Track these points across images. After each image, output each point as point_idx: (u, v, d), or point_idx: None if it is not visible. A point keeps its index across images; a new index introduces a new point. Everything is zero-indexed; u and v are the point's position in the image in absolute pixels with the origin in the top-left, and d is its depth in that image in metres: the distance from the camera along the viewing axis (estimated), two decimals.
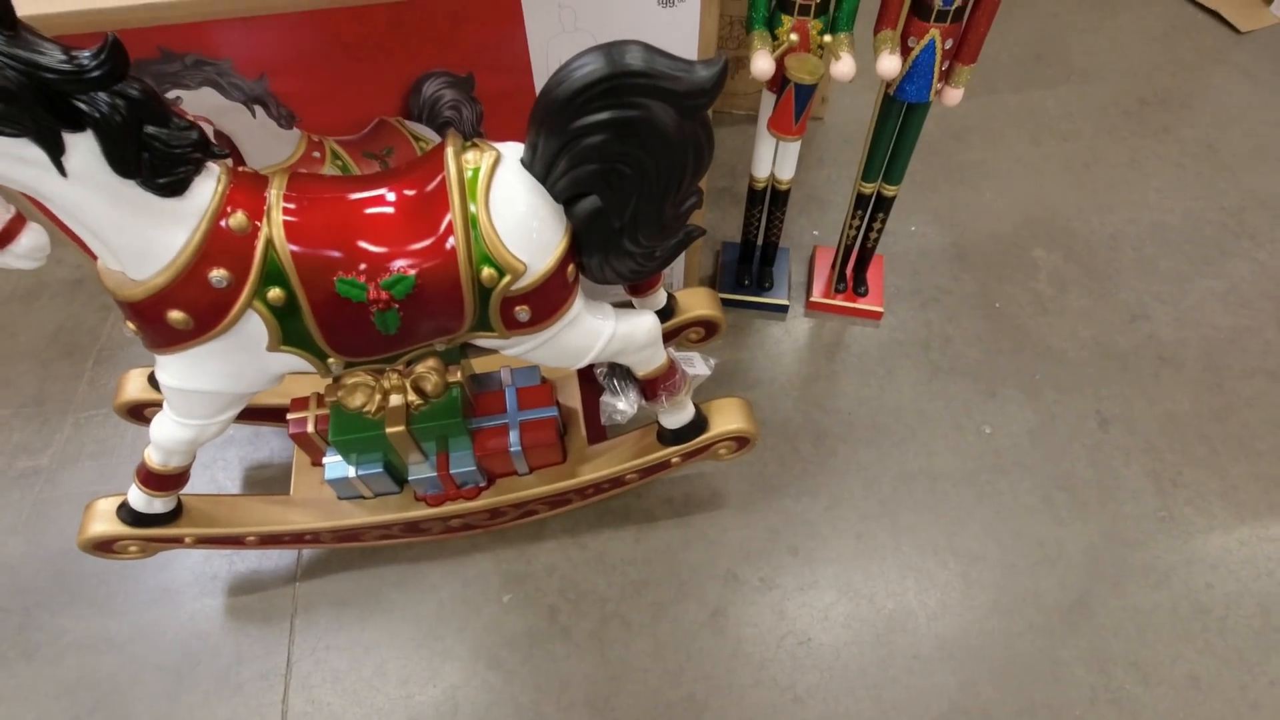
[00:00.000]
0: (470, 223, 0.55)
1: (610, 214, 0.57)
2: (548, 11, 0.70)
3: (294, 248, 0.54)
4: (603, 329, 0.66)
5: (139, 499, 0.73)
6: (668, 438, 0.82)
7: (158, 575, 0.90)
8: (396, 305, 0.57)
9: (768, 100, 0.84)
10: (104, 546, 0.76)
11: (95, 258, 0.57)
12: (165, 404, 0.65)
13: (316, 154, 0.78)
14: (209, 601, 0.89)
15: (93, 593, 0.89)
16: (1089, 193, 1.26)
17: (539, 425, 0.83)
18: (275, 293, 0.55)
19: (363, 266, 0.55)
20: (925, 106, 0.85)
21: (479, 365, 0.89)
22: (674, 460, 0.85)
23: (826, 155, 1.30)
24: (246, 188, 0.53)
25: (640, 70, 0.50)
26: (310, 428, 0.80)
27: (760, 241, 1.09)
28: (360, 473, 0.81)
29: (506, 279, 0.56)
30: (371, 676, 0.84)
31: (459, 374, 0.77)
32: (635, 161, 0.54)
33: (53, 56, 0.42)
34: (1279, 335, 1.09)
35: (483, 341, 0.64)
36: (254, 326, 0.57)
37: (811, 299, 1.12)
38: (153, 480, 0.70)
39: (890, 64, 0.76)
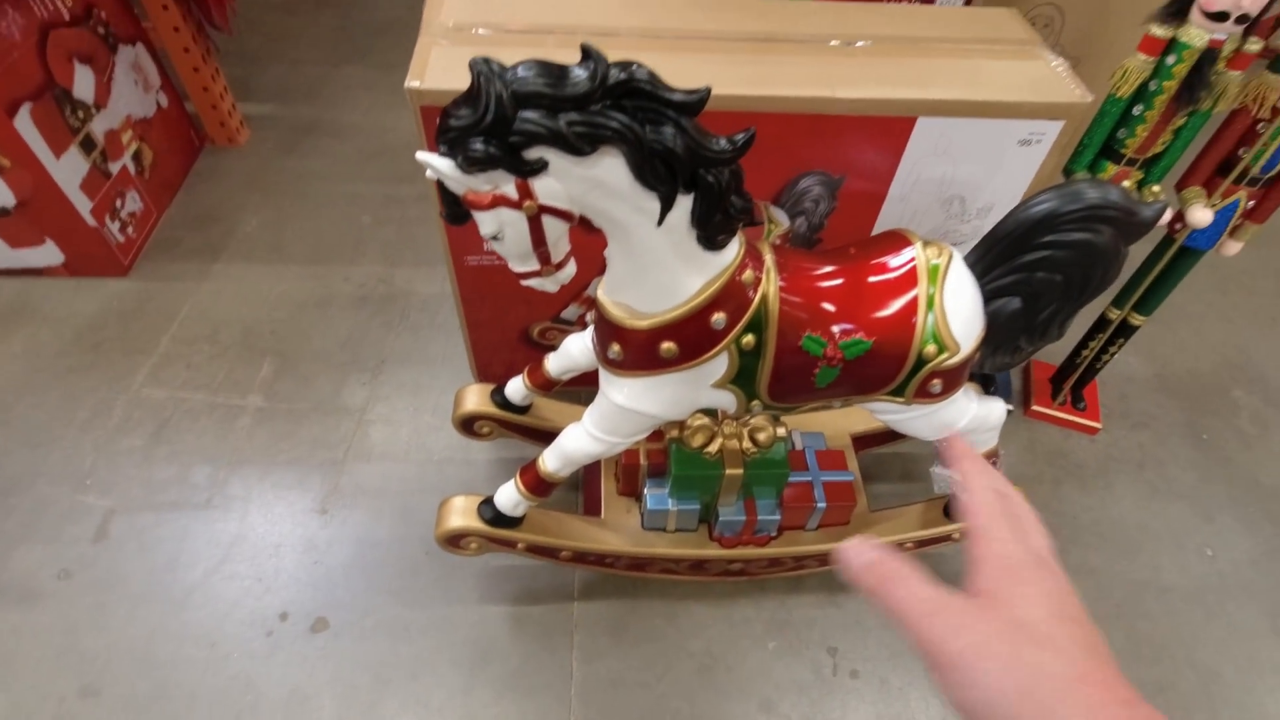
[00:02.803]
0: (929, 304, 0.65)
1: (1027, 316, 0.68)
2: (930, 137, 0.83)
3: (783, 304, 0.64)
4: (969, 408, 0.76)
5: (510, 501, 0.81)
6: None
7: (446, 579, 0.98)
8: (842, 363, 0.67)
9: None
10: (454, 540, 0.84)
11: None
12: (590, 419, 0.74)
13: None
14: (494, 608, 0.96)
15: (389, 582, 0.97)
16: (1279, 345, 1.36)
17: (840, 486, 0.91)
18: (749, 338, 0.65)
19: (825, 329, 0.66)
20: (1202, 252, 0.96)
21: None
22: (955, 535, 0.92)
23: None
24: (752, 251, 0.65)
25: (1100, 203, 0.62)
26: (643, 460, 0.89)
27: None
28: (678, 506, 0.89)
29: (944, 355, 0.66)
30: (653, 699, 0.89)
31: (784, 430, 0.87)
32: (1075, 275, 0.64)
33: (721, 144, 0.54)
34: None
35: (873, 404, 0.74)
36: (718, 363, 0.67)
37: (1032, 407, 1.21)
38: (538, 486, 0.79)
39: (1205, 216, 0.87)
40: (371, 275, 1.33)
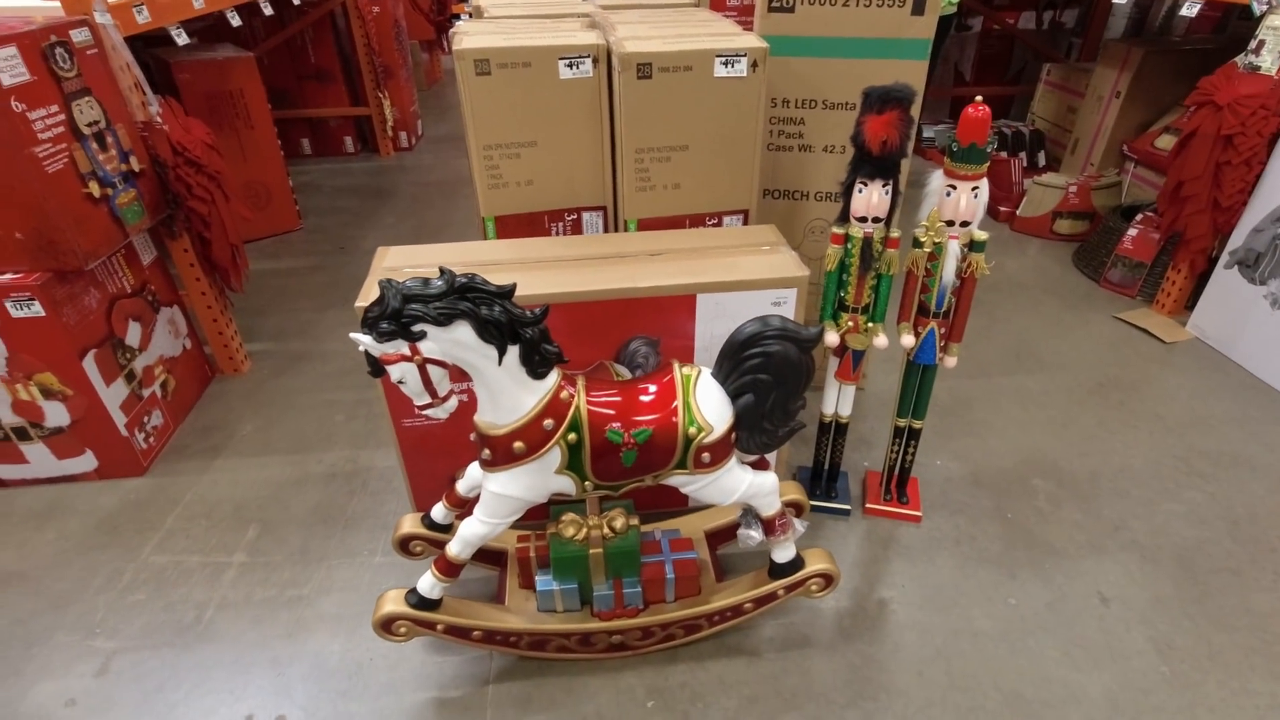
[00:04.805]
0: (686, 402, 1.00)
1: (758, 405, 1.03)
2: (710, 307, 1.24)
3: (590, 411, 0.99)
4: (745, 477, 1.08)
5: (428, 584, 1.08)
6: (776, 572, 1.17)
7: (385, 675, 1.20)
8: (637, 447, 1.00)
9: (833, 361, 1.35)
10: (387, 625, 1.10)
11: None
12: (478, 509, 1.05)
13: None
14: (423, 695, 1.17)
15: (338, 684, 1.19)
16: (1069, 443, 1.69)
17: (686, 563, 1.19)
18: (572, 436, 0.99)
19: (621, 424, 1.00)
20: (934, 367, 1.34)
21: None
22: (780, 593, 1.18)
23: (869, 413, 1.79)
24: (569, 378, 1.01)
25: (781, 328, 1.00)
26: (532, 553, 1.18)
27: (827, 464, 1.52)
28: (561, 586, 1.16)
29: (702, 434, 1.00)
30: None
31: (636, 520, 1.17)
32: (777, 374, 1.01)
33: (528, 314, 0.93)
34: (1234, 545, 1.42)
35: (673, 479, 1.05)
36: (554, 455, 1.00)
37: (867, 506, 1.50)
38: (447, 568, 1.07)
39: (909, 340, 1.27)
40: (341, 458, 1.67)
